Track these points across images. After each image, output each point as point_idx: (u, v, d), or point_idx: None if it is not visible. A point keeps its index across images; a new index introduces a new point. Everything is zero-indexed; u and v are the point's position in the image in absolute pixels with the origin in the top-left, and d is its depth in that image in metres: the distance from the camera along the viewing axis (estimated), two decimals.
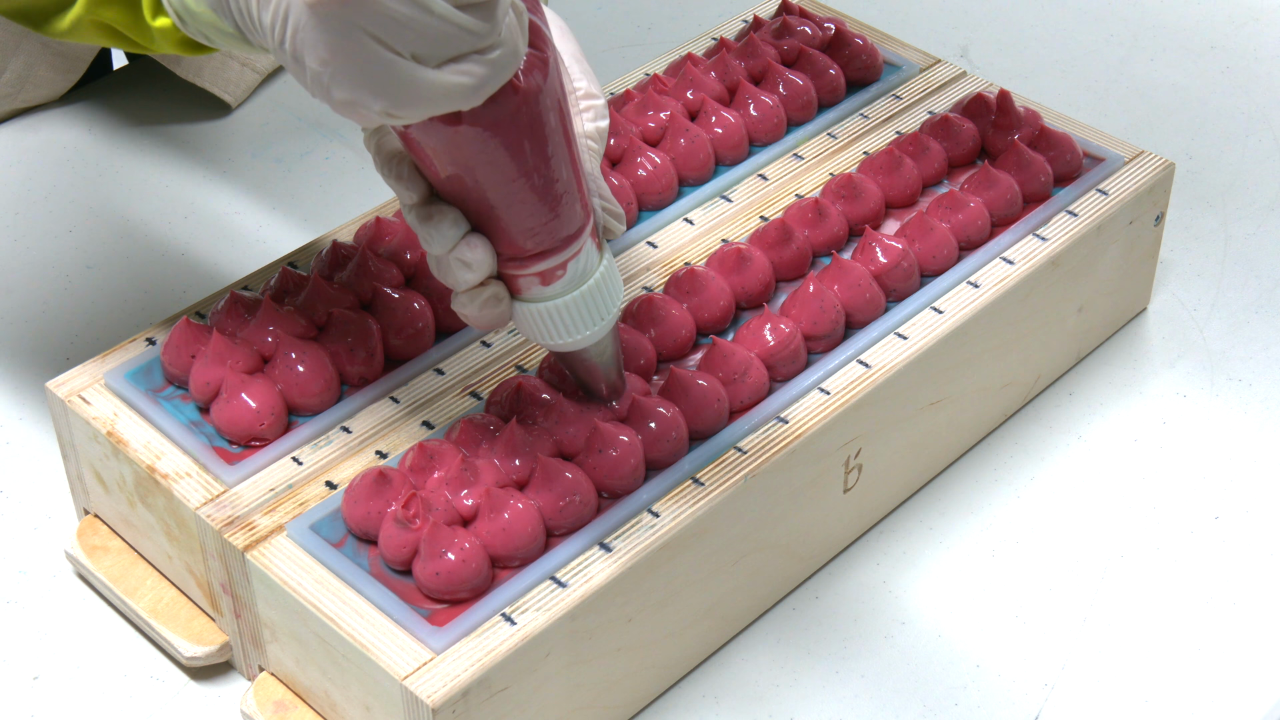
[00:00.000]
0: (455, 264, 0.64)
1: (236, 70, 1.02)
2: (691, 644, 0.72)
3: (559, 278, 0.65)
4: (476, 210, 0.63)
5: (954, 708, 0.71)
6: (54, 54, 1.00)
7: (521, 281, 0.66)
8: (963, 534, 0.78)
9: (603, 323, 0.67)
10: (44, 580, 0.77)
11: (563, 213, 0.64)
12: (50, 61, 1.00)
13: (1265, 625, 0.74)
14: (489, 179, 0.62)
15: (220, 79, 1.01)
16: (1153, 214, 0.85)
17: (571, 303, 0.66)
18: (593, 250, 0.66)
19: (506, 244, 0.64)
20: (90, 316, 0.90)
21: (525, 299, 0.66)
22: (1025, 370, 0.83)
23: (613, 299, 0.67)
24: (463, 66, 0.56)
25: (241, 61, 1.01)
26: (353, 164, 0.99)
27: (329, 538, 0.68)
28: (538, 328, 0.67)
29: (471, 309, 0.66)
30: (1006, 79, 1.04)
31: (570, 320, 0.67)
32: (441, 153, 0.61)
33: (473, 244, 0.64)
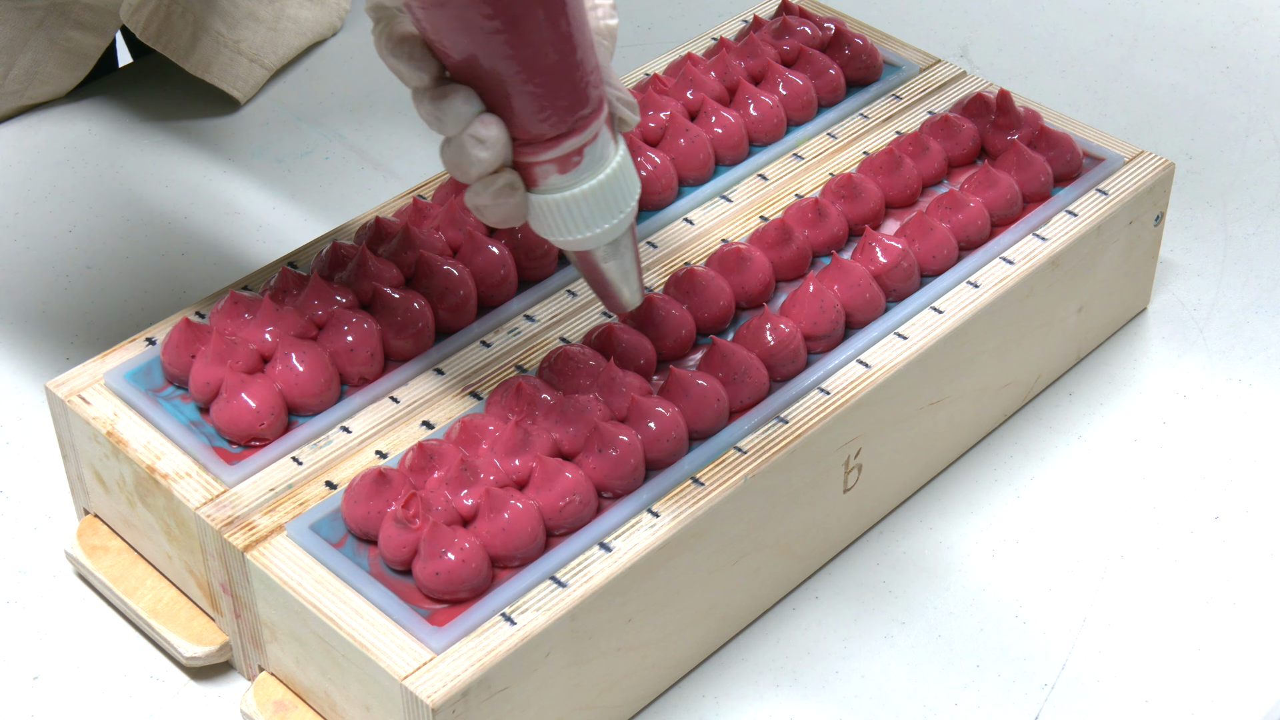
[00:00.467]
0: (469, 142, 0.63)
1: (245, 66, 1.02)
2: (691, 644, 0.72)
3: (575, 165, 0.64)
4: (491, 91, 0.62)
5: (954, 708, 0.71)
6: (61, 50, 1.00)
7: (538, 170, 0.64)
8: (963, 534, 0.78)
9: (621, 215, 0.66)
10: (44, 580, 0.77)
11: (578, 91, 0.63)
12: (57, 58, 1.00)
13: (1265, 625, 0.74)
14: (504, 52, 0.61)
15: (229, 75, 1.01)
16: (1153, 214, 0.85)
17: (589, 192, 0.65)
18: (608, 138, 0.65)
19: (520, 128, 0.63)
20: (90, 316, 0.90)
21: (541, 190, 0.65)
22: (1025, 370, 0.83)
23: (630, 191, 0.66)
24: None
25: (250, 58, 1.01)
26: (353, 164, 0.99)
27: (329, 538, 0.68)
28: (555, 221, 0.66)
29: (485, 197, 0.65)
30: (1006, 79, 1.04)
31: (589, 212, 0.65)
32: (458, 28, 0.60)
33: (486, 121, 0.63)
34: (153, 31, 0.98)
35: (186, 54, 1.00)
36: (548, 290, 0.78)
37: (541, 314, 0.77)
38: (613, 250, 0.68)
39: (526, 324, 0.77)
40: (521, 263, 0.77)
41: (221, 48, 1.00)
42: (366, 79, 1.05)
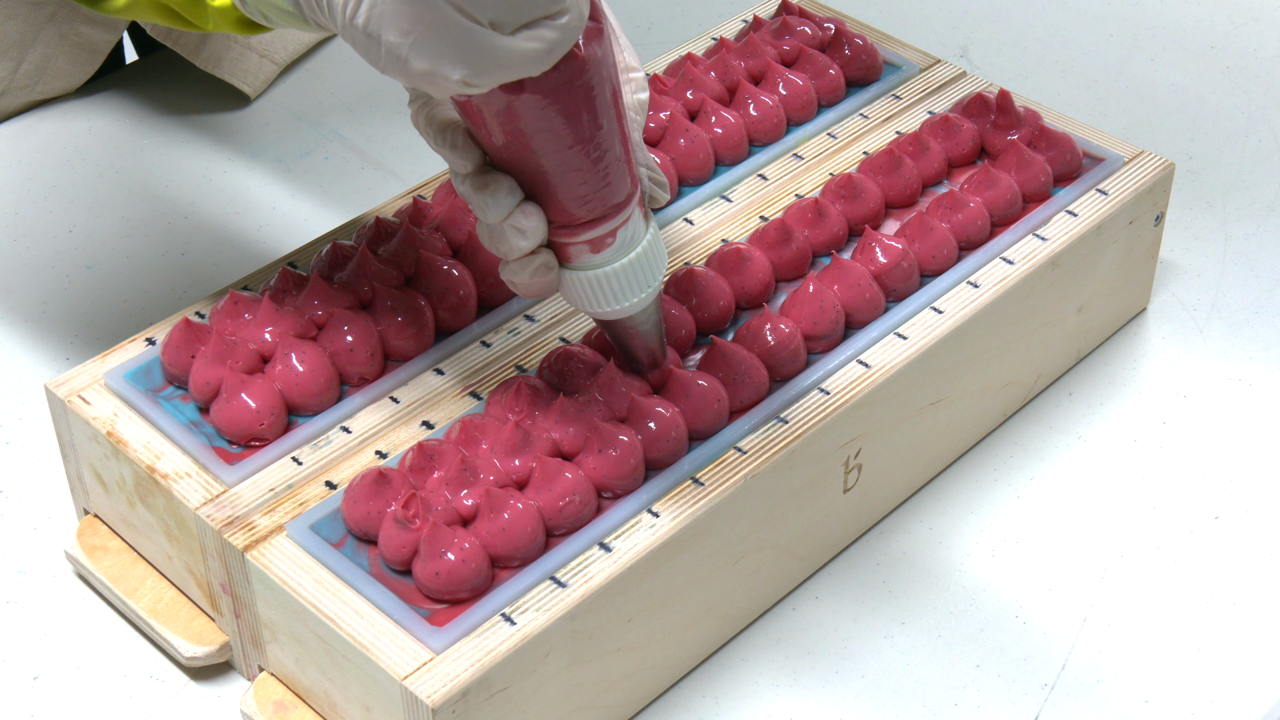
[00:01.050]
0: (510, 231, 0.65)
1: (255, 61, 1.02)
2: (691, 644, 0.72)
3: (608, 245, 0.67)
4: (531, 178, 0.65)
5: (954, 708, 0.71)
6: (71, 46, 1.00)
7: (572, 249, 0.67)
8: (963, 534, 0.78)
9: (649, 290, 0.68)
10: (44, 580, 0.77)
11: (614, 180, 0.65)
12: (68, 54, 1.01)
13: (1265, 625, 0.74)
14: (546, 146, 0.63)
15: (239, 70, 1.02)
16: (1153, 214, 0.85)
17: (620, 270, 0.67)
18: (639, 218, 0.68)
19: (558, 212, 0.65)
20: (90, 316, 0.90)
21: (574, 267, 0.67)
22: (1025, 370, 0.83)
23: (658, 266, 0.69)
24: (535, 32, 0.58)
25: (260, 53, 1.02)
26: (353, 164, 0.99)
27: (329, 538, 0.68)
28: (586, 295, 0.68)
29: (523, 276, 0.67)
30: (1006, 79, 1.04)
31: (618, 287, 0.68)
32: (502, 120, 0.62)
33: (527, 211, 0.65)
34: (163, 29, 0.98)
35: (196, 50, 1.00)
36: None
37: (541, 314, 0.77)
38: (642, 319, 0.70)
39: (526, 324, 0.77)
40: None
41: (231, 43, 1.01)
42: (367, 79, 1.05)
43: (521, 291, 0.68)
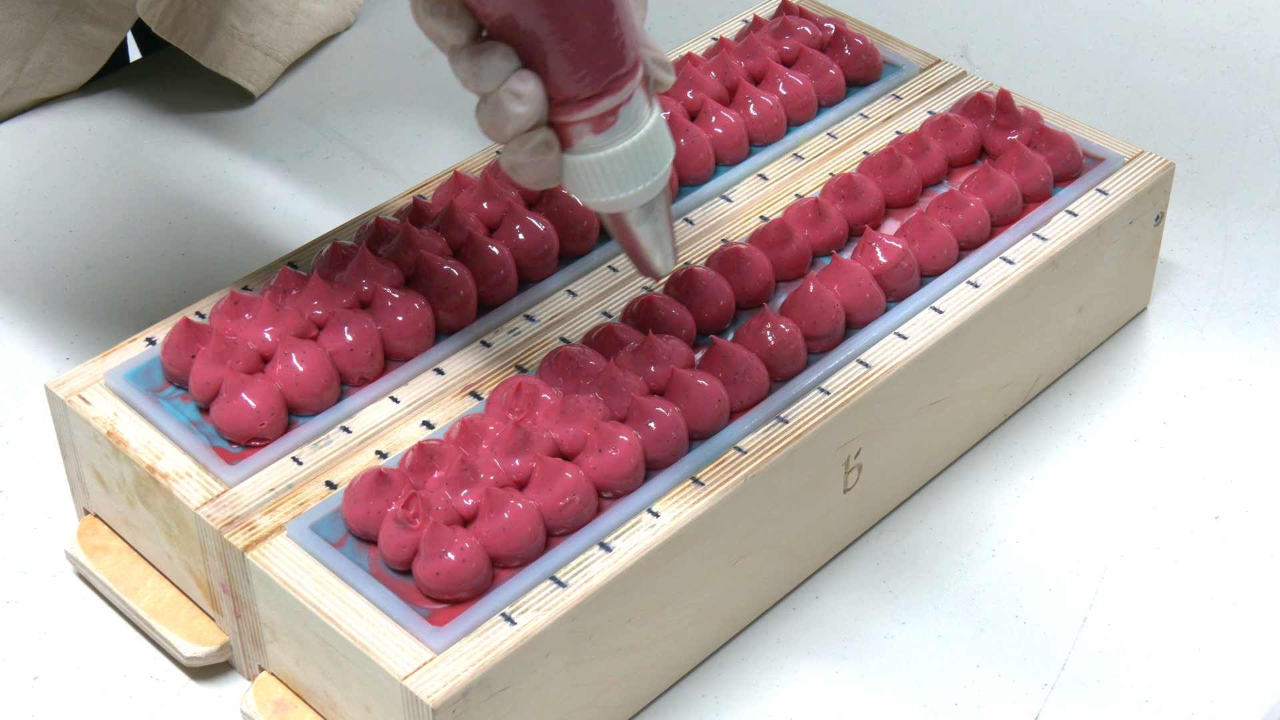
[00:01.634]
0: (506, 97, 0.64)
1: (259, 60, 1.02)
2: (691, 644, 0.72)
3: (610, 125, 0.65)
4: (528, 50, 0.63)
5: (954, 708, 0.71)
6: (76, 44, 1.01)
7: (573, 130, 0.65)
8: (963, 534, 0.78)
9: (655, 177, 0.67)
10: (44, 580, 0.77)
11: (615, 51, 0.64)
12: (72, 52, 1.01)
13: (1265, 625, 0.74)
14: (544, 11, 0.62)
15: (243, 68, 1.02)
16: (1153, 214, 0.85)
17: (624, 152, 0.65)
18: (643, 100, 0.66)
19: (557, 88, 0.64)
20: (90, 316, 0.90)
21: (576, 151, 0.66)
22: (1025, 370, 0.83)
23: (665, 151, 0.67)
24: None
25: (265, 51, 1.02)
26: (353, 164, 0.99)
27: (329, 538, 0.68)
28: (589, 182, 0.66)
29: (522, 154, 0.65)
30: (1006, 79, 1.04)
31: (623, 172, 0.66)
32: None
33: (524, 76, 0.64)
34: (168, 25, 0.99)
35: (201, 48, 1.00)
36: (548, 290, 0.78)
37: (541, 314, 0.77)
38: (646, 213, 0.68)
39: (526, 324, 0.77)
40: (562, 238, 0.78)
41: (236, 41, 1.01)
42: (367, 79, 1.05)
43: (524, 179, 0.66)
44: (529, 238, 0.78)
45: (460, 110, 1.03)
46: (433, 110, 1.03)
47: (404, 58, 1.07)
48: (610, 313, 0.77)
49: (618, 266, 0.79)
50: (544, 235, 0.78)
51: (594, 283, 0.79)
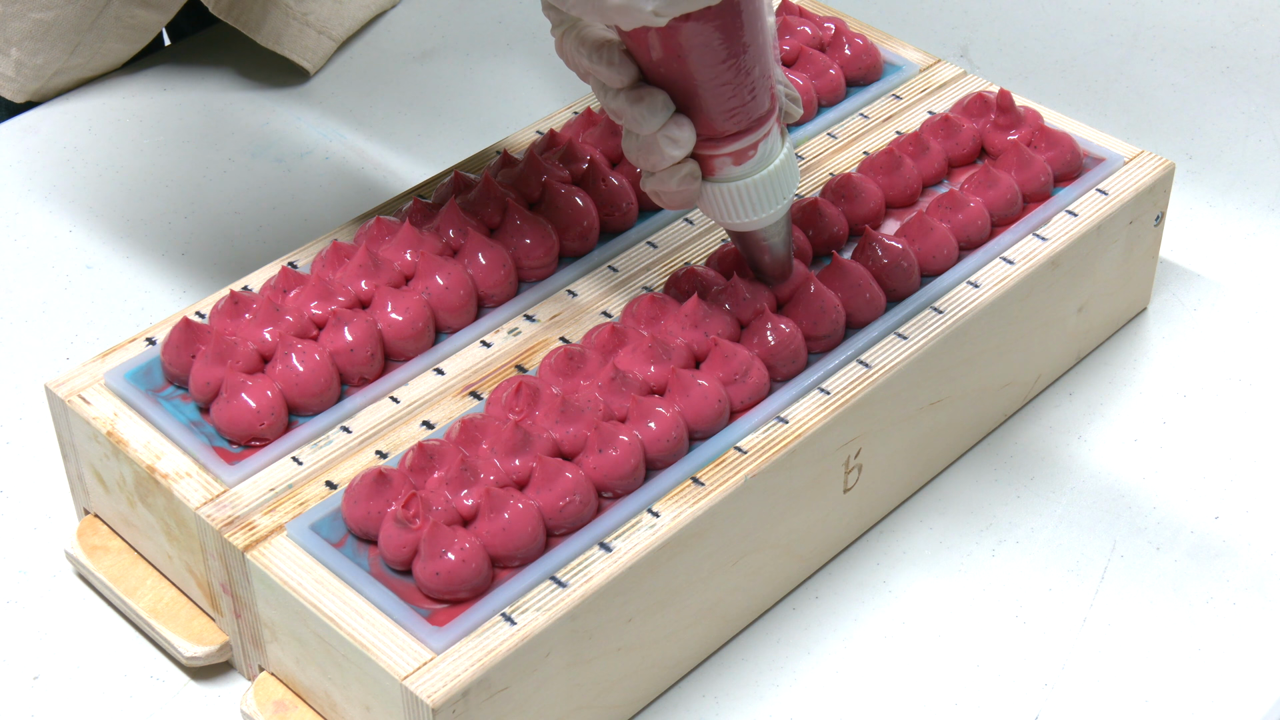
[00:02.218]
0: (664, 141, 0.69)
1: (313, 38, 1.04)
2: (691, 644, 0.72)
3: (750, 158, 0.71)
4: (683, 92, 0.69)
5: (954, 708, 0.71)
6: (125, 27, 1.02)
7: (716, 162, 0.71)
8: (963, 534, 0.78)
9: (784, 202, 0.73)
10: (44, 580, 0.77)
11: (758, 95, 0.70)
12: (119, 34, 1.03)
13: (1265, 625, 0.74)
14: (703, 62, 0.68)
15: (299, 47, 1.04)
16: (1153, 214, 0.85)
17: (759, 182, 0.71)
18: (777, 134, 0.72)
19: (706, 125, 0.70)
20: (90, 316, 0.90)
21: (717, 180, 0.71)
22: (1025, 370, 0.83)
23: (792, 179, 0.73)
24: None
25: (318, 29, 1.04)
26: (353, 164, 0.99)
27: (329, 538, 0.68)
28: (726, 207, 0.72)
29: (671, 184, 0.71)
30: (1006, 79, 1.04)
31: (756, 199, 0.72)
32: (663, 39, 0.68)
33: (680, 122, 0.69)
34: (224, 6, 1.01)
35: (258, 27, 1.02)
36: (548, 290, 0.78)
37: (541, 314, 0.77)
38: (774, 232, 0.74)
39: (526, 324, 0.77)
40: (562, 238, 0.79)
41: (290, 20, 1.03)
42: (367, 79, 1.05)
43: (665, 201, 0.72)
44: (530, 238, 0.77)
45: (460, 110, 1.03)
46: (433, 110, 1.03)
47: (404, 58, 1.07)
48: (610, 312, 0.77)
49: (618, 267, 0.79)
50: (544, 235, 0.78)
51: (594, 282, 0.79)
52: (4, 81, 1.02)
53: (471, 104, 1.03)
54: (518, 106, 1.03)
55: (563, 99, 1.02)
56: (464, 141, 1.00)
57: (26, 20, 0.99)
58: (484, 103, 1.03)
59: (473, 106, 1.03)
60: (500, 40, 1.08)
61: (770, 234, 0.74)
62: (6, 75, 1.01)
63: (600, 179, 0.80)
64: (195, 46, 1.08)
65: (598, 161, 0.81)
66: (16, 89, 1.02)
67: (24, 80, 1.02)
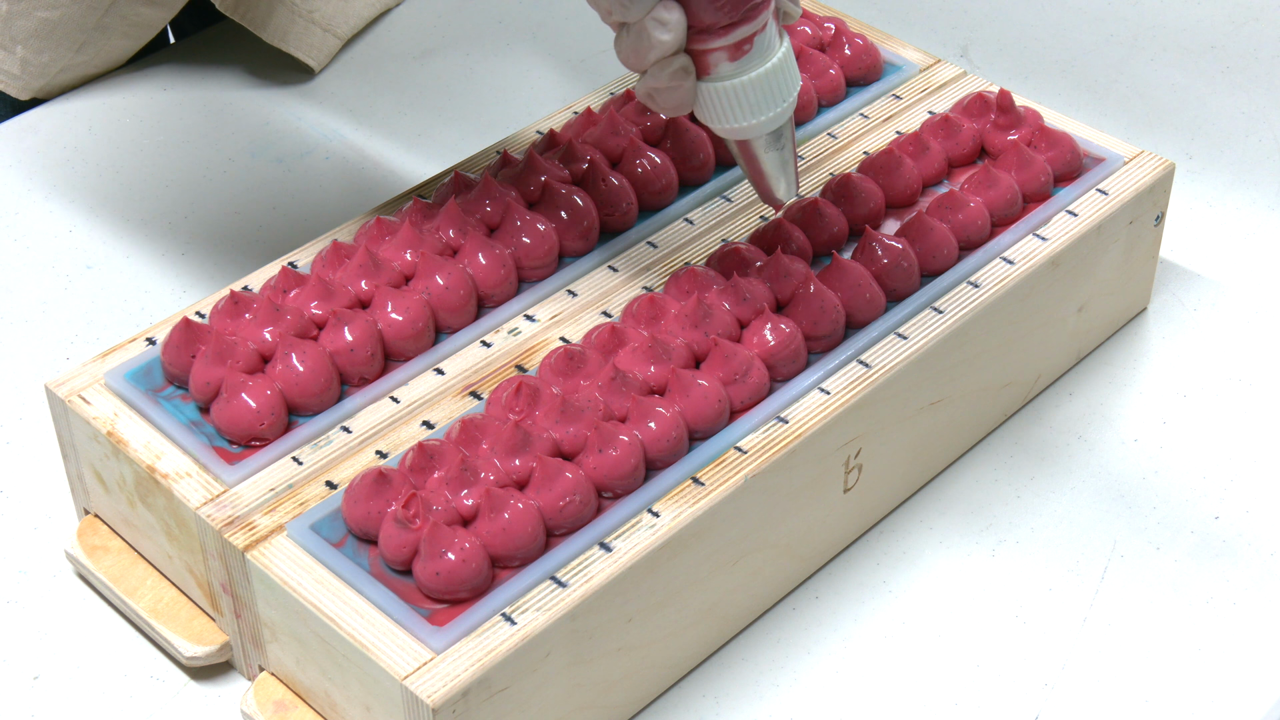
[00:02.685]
0: (652, 25, 0.68)
1: (319, 35, 1.05)
2: (691, 644, 0.72)
3: (745, 52, 0.69)
4: None
5: (954, 708, 0.71)
6: (129, 24, 1.03)
7: (710, 57, 0.69)
8: (963, 534, 0.78)
9: (784, 104, 0.71)
10: (44, 580, 0.77)
11: None
12: (124, 31, 1.03)
13: (1265, 625, 0.74)
14: None
15: (304, 44, 1.04)
16: (1153, 214, 0.85)
17: (756, 80, 0.70)
18: (774, 30, 0.70)
19: (697, 16, 0.68)
20: (90, 316, 0.90)
21: (711, 78, 0.70)
22: (1025, 370, 0.83)
23: (794, 80, 0.71)
24: None
25: (323, 27, 1.05)
26: (353, 164, 0.99)
27: (329, 538, 0.68)
28: (723, 108, 0.70)
29: (662, 79, 0.69)
30: (1006, 79, 1.04)
31: (756, 99, 0.70)
32: None
33: (669, 5, 0.68)
34: (231, 3, 1.01)
35: (264, 24, 1.03)
36: (548, 290, 0.78)
37: (541, 314, 0.77)
38: (773, 140, 0.72)
39: (526, 324, 0.77)
40: (563, 238, 0.78)
41: (296, 18, 1.04)
42: (367, 79, 1.05)
43: (660, 104, 0.70)
44: (530, 238, 0.78)
45: (460, 110, 1.03)
46: (433, 110, 1.03)
47: (404, 58, 1.07)
48: (610, 312, 0.77)
49: (618, 267, 0.79)
50: (544, 235, 0.78)
51: (594, 282, 0.79)
52: (9, 79, 1.02)
53: (471, 104, 1.03)
54: (518, 106, 1.03)
55: (563, 99, 1.02)
56: (464, 141, 1.00)
57: (32, 19, 0.99)
58: (484, 103, 1.03)
59: (473, 106, 1.03)
60: (500, 40, 1.08)
61: (771, 143, 0.72)
62: (12, 73, 1.02)
63: (600, 179, 0.80)
64: (195, 46, 1.08)
65: (597, 162, 0.81)
66: (21, 86, 1.02)
67: (29, 78, 1.02)
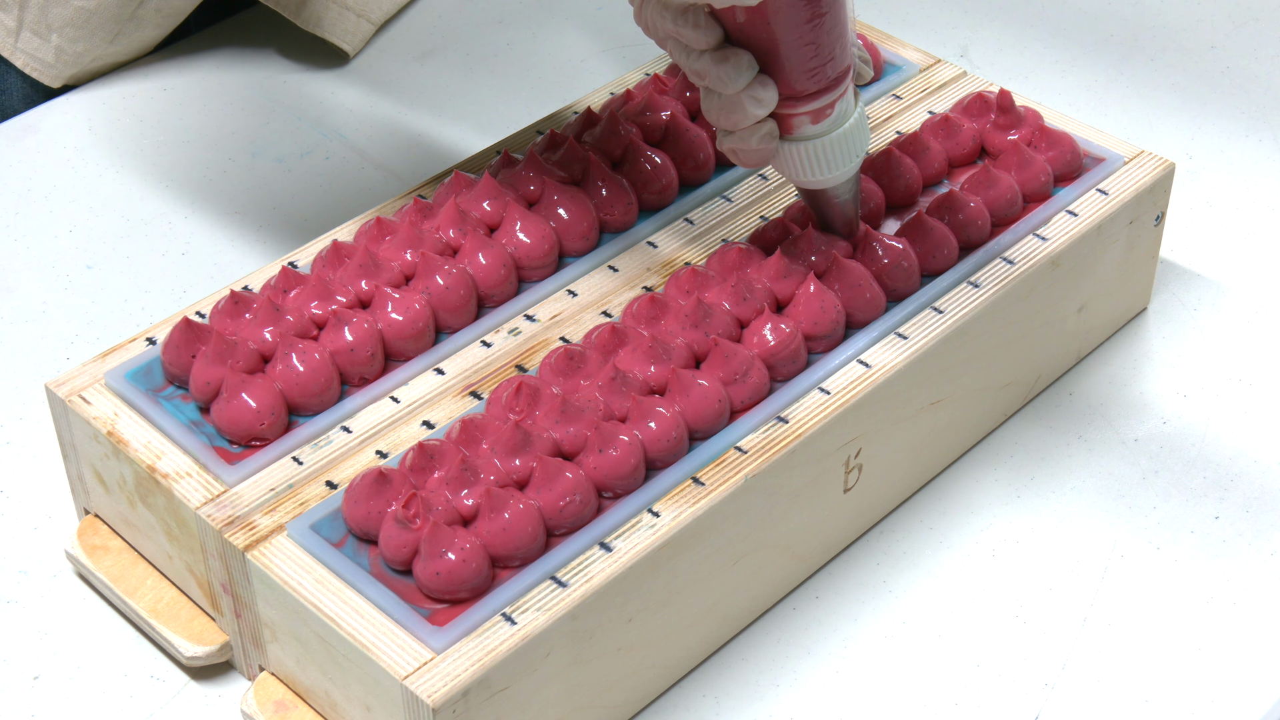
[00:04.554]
0: (748, 100, 0.72)
1: (352, 21, 1.06)
2: (691, 644, 0.72)
3: (827, 116, 0.74)
4: (766, 53, 0.71)
5: (954, 708, 0.71)
6: (160, 14, 1.03)
7: (795, 120, 0.74)
8: (963, 534, 0.78)
9: (856, 160, 0.75)
10: (44, 580, 0.77)
11: (838, 54, 0.73)
12: (154, 20, 1.04)
13: (1265, 625, 0.74)
14: (789, 23, 0.70)
15: (338, 29, 1.05)
16: (1153, 214, 0.85)
17: (834, 140, 0.74)
18: (851, 94, 0.75)
19: (786, 85, 0.72)
20: (90, 316, 0.90)
21: (794, 139, 0.74)
22: (1025, 370, 0.83)
23: (864, 139, 0.76)
24: None
25: (356, 12, 1.06)
26: (353, 164, 0.99)
27: (329, 538, 0.68)
28: (802, 165, 0.75)
29: (751, 142, 0.73)
30: (1006, 79, 1.04)
31: (831, 157, 0.74)
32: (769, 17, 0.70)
33: (764, 82, 0.72)
34: None
35: (298, 11, 1.04)
36: (548, 290, 0.78)
37: (541, 314, 0.77)
38: (845, 190, 0.76)
39: (526, 324, 0.77)
40: (562, 238, 0.79)
41: (330, 3, 1.04)
42: (367, 79, 1.05)
43: (743, 160, 0.74)
44: (530, 238, 0.78)
45: (460, 110, 1.03)
46: (433, 110, 1.03)
47: (404, 57, 1.07)
48: (610, 312, 0.77)
49: (617, 267, 0.79)
50: (544, 235, 0.78)
51: (594, 282, 0.79)
52: (43, 67, 1.03)
53: (471, 104, 1.03)
54: (518, 106, 1.03)
55: (562, 99, 1.02)
56: (464, 141, 1.00)
57: (69, 7, 1.00)
58: (484, 103, 1.03)
59: (473, 106, 1.03)
60: (500, 40, 1.08)
61: (842, 191, 0.76)
62: (45, 61, 1.02)
63: (600, 179, 0.80)
64: (195, 46, 1.08)
65: (597, 161, 0.81)
66: (54, 75, 1.03)
67: (62, 67, 1.03)
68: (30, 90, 1.04)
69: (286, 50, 1.07)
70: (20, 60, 1.02)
